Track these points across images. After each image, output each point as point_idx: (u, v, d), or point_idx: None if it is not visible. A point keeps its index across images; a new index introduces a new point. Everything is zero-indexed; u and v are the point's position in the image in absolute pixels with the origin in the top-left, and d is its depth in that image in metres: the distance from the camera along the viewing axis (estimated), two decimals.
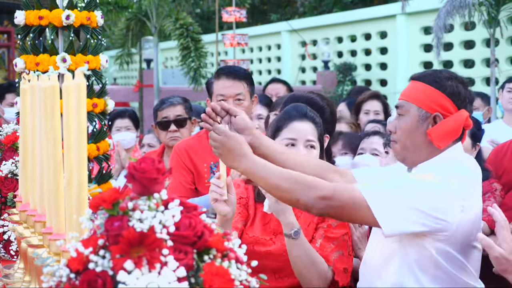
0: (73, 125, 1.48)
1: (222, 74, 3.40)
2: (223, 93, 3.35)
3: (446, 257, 2.14)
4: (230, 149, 2.18)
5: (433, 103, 2.20)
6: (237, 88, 3.37)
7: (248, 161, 2.16)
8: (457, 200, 2.11)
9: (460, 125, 2.19)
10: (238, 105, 3.34)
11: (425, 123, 2.21)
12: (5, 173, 2.51)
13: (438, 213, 2.08)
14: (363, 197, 2.06)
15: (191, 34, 12.15)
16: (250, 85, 3.45)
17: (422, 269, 2.15)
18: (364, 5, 14.94)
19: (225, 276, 1.19)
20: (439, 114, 2.20)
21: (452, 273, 2.16)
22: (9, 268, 2.09)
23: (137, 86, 13.35)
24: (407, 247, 2.15)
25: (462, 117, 2.19)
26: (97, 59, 3.04)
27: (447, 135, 2.19)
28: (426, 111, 2.21)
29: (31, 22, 2.98)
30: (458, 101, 2.21)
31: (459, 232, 2.12)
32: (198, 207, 1.26)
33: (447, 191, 2.10)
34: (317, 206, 2.09)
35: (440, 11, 8.64)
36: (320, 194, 2.08)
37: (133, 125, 5.34)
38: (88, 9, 3.04)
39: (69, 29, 2.99)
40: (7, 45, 16.74)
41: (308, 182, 2.11)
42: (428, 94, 2.22)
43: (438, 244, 2.12)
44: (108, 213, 1.20)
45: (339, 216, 2.22)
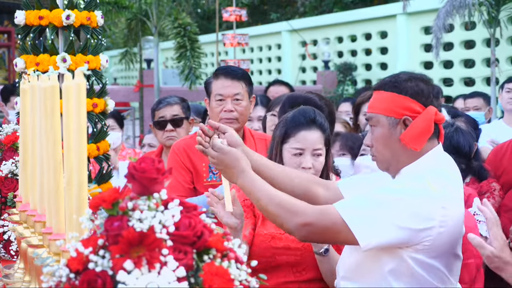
0: (73, 125, 1.48)
1: (220, 74, 3.39)
2: (221, 93, 3.34)
3: (424, 266, 2.12)
4: (228, 165, 2.22)
5: (398, 108, 2.18)
6: (236, 88, 3.35)
7: (244, 178, 2.19)
8: (438, 209, 2.08)
9: (430, 122, 2.16)
10: (237, 105, 3.33)
11: (397, 129, 2.19)
12: (5, 173, 2.51)
13: (418, 225, 2.05)
14: (342, 219, 2.06)
15: (188, 34, 12.15)
16: (248, 85, 3.43)
17: (397, 277, 2.13)
18: (365, 5, 14.93)
19: (224, 276, 1.19)
20: (407, 117, 2.17)
21: (428, 282, 2.14)
22: (9, 268, 2.09)
23: (137, 86, 13.34)
24: (383, 255, 2.13)
25: (430, 114, 2.16)
26: (97, 59, 3.04)
27: (419, 135, 2.15)
28: (394, 117, 2.19)
29: (31, 22, 2.99)
30: (422, 99, 2.18)
31: (439, 241, 2.09)
32: (198, 207, 1.26)
33: (427, 199, 2.08)
34: (299, 233, 2.11)
35: (439, 11, 8.64)
36: (301, 221, 2.09)
37: (117, 124, 5.35)
38: (88, 9, 3.04)
39: (69, 29, 2.99)
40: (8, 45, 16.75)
41: (291, 207, 2.12)
42: (391, 101, 2.20)
43: (416, 255, 2.09)
44: (107, 213, 1.20)
45: (322, 240, 2.25)
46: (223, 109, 3.33)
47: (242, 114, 3.36)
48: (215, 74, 3.42)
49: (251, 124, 4.41)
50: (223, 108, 3.33)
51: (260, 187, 2.17)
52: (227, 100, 3.33)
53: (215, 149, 2.25)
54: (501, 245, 2.09)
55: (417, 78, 2.22)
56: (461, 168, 2.51)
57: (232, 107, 3.33)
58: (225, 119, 3.32)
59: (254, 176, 2.21)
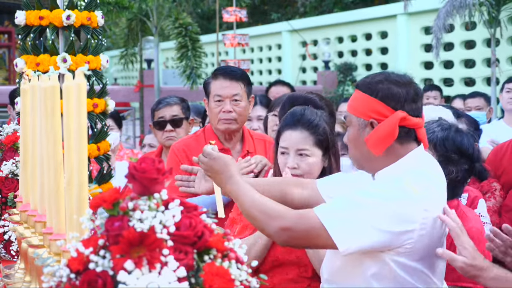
0: (73, 125, 1.48)
1: (219, 75, 3.38)
2: (220, 94, 3.33)
3: (406, 269, 2.09)
4: (217, 170, 2.26)
5: (367, 110, 2.14)
6: (234, 88, 3.33)
7: (232, 184, 2.21)
8: (419, 211, 2.05)
9: (394, 127, 2.10)
10: (235, 105, 3.32)
11: (365, 131, 2.16)
12: (6, 173, 2.51)
13: (399, 227, 2.03)
14: (321, 223, 2.04)
15: (189, 34, 12.14)
16: (247, 85, 3.41)
17: (379, 281, 2.11)
18: (365, 5, 14.94)
19: (225, 276, 1.19)
20: (374, 121, 2.13)
21: (411, 284, 2.11)
22: (9, 268, 2.09)
23: (137, 86, 13.34)
24: (365, 259, 2.11)
25: (395, 119, 2.10)
26: (98, 59, 3.04)
27: (381, 140, 2.11)
28: (363, 119, 2.16)
29: (31, 22, 2.99)
30: (392, 103, 2.12)
31: (421, 243, 2.07)
32: (198, 207, 1.26)
33: (408, 201, 2.04)
34: (279, 237, 2.10)
35: (440, 11, 8.64)
36: (280, 225, 2.07)
37: (116, 125, 5.34)
38: (89, 9, 3.04)
39: (69, 29, 2.99)
40: (8, 45, 16.76)
41: (271, 212, 2.11)
42: (363, 102, 2.17)
43: (398, 258, 2.07)
44: (108, 213, 1.20)
45: (301, 245, 2.22)
46: (221, 109, 3.32)
47: (241, 114, 3.36)
48: (213, 75, 3.40)
49: (251, 123, 4.41)
50: (221, 109, 3.32)
51: (246, 192, 2.17)
52: (225, 101, 3.32)
53: (205, 155, 2.31)
54: (471, 253, 2.06)
55: (392, 81, 2.15)
56: (464, 169, 2.50)
57: (230, 108, 3.31)
58: (223, 119, 3.32)
59: (242, 181, 2.21)
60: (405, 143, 2.15)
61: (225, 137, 3.41)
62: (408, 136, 2.15)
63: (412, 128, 2.14)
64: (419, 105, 2.17)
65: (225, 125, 3.33)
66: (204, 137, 3.41)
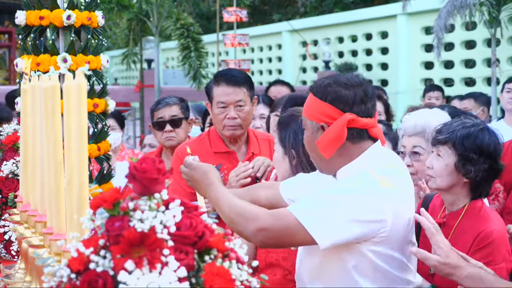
0: (73, 125, 1.47)
1: (221, 81, 3.32)
2: (223, 100, 3.29)
3: (384, 259, 2.14)
4: (197, 179, 2.35)
5: (318, 113, 2.19)
6: (238, 94, 3.29)
7: (212, 191, 2.27)
8: (388, 201, 2.10)
9: (341, 129, 2.14)
10: (239, 111, 3.29)
11: (317, 134, 2.20)
12: (6, 173, 2.51)
13: (372, 216, 2.07)
14: (297, 220, 2.08)
15: (192, 34, 12.14)
16: (250, 89, 3.37)
17: (361, 273, 2.14)
18: (365, 5, 14.94)
19: (226, 276, 1.19)
20: (324, 124, 2.17)
21: (391, 273, 2.16)
22: (10, 268, 2.09)
23: (138, 86, 13.35)
24: (344, 254, 2.14)
25: (342, 121, 2.14)
26: (98, 59, 3.04)
27: (330, 143, 2.15)
28: (316, 122, 2.20)
29: (32, 22, 2.98)
30: (341, 105, 2.16)
31: (395, 231, 2.11)
32: (199, 207, 1.26)
33: (377, 192, 2.09)
34: (255, 238, 2.13)
35: (441, 11, 8.64)
36: (256, 227, 2.11)
37: (118, 125, 5.33)
38: (89, 9, 3.04)
39: (70, 29, 2.99)
40: (8, 45, 16.77)
41: (247, 214, 2.14)
42: (314, 105, 2.21)
43: (375, 247, 2.11)
44: (109, 213, 1.20)
45: (279, 244, 2.24)
46: (226, 116, 3.29)
47: (245, 119, 3.33)
48: (215, 80, 3.35)
49: (253, 122, 4.40)
50: (226, 115, 3.29)
51: (224, 198, 2.22)
52: (230, 107, 3.29)
53: (186, 166, 2.41)
54: (445, 252, 2.09)
55: (339, 83, 2.19)
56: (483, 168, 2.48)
57: (235, 114, 3.28)
58: (228, 126, 3.30)
59: (221, 188, 2.27)
60: (358, 143, 2.20)
61: (230, 140, 3.39)
62: (360, 136, 2.20)
63: (364, 128, 2.19)
64: (368, 106, 2.21)
65: (230, 131, 3.31)
66: (209, 140, 3.40)
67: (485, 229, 2.42)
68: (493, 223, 2.47)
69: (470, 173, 2.48)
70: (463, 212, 2.52)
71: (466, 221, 2.50)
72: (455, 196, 2.54)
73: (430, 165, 2.57)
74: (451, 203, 2.57)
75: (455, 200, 2.55)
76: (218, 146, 3.39)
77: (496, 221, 2.50)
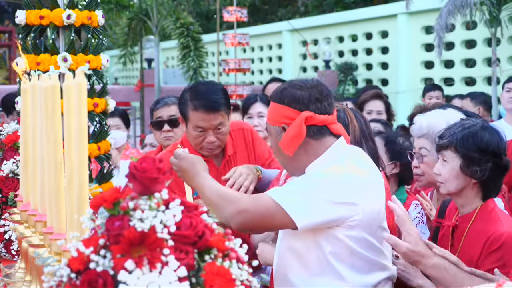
0: (74, 124, 1.47)
1: (200, 107, 3.07)
2: (202, 126, 3.08)
3: (360, 243, 2.23)
4: (185, 170, 2.43)
5: (278, 117, 2.30)
6: (217, 119, 3.09)
7: (198, 180, 2.36)
8: (360, 186, 2.22)
9: (300, 127, 2.24)
10: (219, 133, 3.12)
11: (280, 137, 2.31)
12: (6, 172, 2.51)
13: (346, 198, 2.18)
14: (276, 202, 2.16)
15: (191, 34, 12.14)
16: (227, 106, 3.15)
17: (338, 258, 2.23)
18: (365, 5, 14.94)
19: (226, 276, 1.19)
20: (284, 125, 2.28)
21: (368, 258, 2.25)
22: (10, 268, 2.09)
23: (138, 86, 13.35)
24: (321, 240, 2.22)
25: (300, 119, 2.25)
26: (98, 58, 3.04)
27: (291, 141, 2.25)
28: (277, 126, 2.32)
29: (32, 22, 2.99)
30: (297, 105, 2.27)
31: (368, 214, 2.21)
32: (199, 207, 1.26)
33: (349, 177, 2.21)
34: (235, 220, 2.20)
35: (442, 11, 8.64)
36: (236, 208, 2.20)
37: (123, 124, 5.33)
38: (89, 8, 3.04)
39: (70, 28, 2.99)
40: (8, 45, 16.77)
41: (227, 196, 2.25)
42: (274, 110, 2.33)
43: (350, 232, 2.20)
44: (109, 212, 1.20)
45: (257, 227, 2.30)
46: (204, 139, 3.11)
47: (224, 138, 3.18)
48: (193, 105, 3.09)
49: (252, 120, 4.39)
50: (204, 138, 3.11)
51: (208, 184, 2.32)
52: (208, 131, 3.10)
53: (175, 156, 2.50)
54: (415, 240, 2.19)
55: (293, 85, 2.32)
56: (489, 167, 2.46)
57: (214, 138, 3.11)
58: (207, 148, 3.13)
59: (207, 176, 2.36)
60: (320, 139, 2.31)
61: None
62: (321, 133, 2.31)
63: (323, 126, 2.29)
64: (325, 104, 2.31)
65: (209, 151, 3.16)
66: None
67: (495, 232, 2.41)
68: (503, 225, 2.45)
69: (476, 174, 2.48)
70: (475, 215, 2.51)
71: (477, 224, 2.49)
72: (466, 198, 2.54)
73: (438, 171, 2.58)
74: (462, 206, 2.57)
75: (466, 202, 2.55)
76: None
77: (506, 223, 2.47)
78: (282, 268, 2.38)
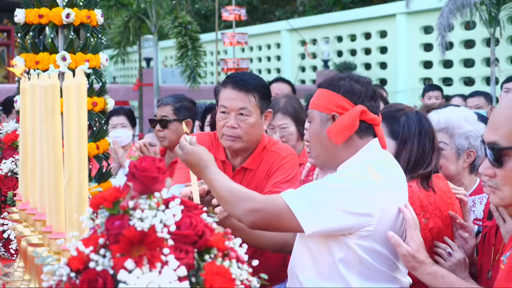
0: (73, 123, 1.47)
1: (228, 83, 2.90)
2: (225, 105, 2.87)
3: (370, 253, 2.20)
4: (193, 163, 2.37)
5: (330, 104, 2.29)
6: (242, 101, 2.84)
7: (207, 174, 2.33)
8: (379, 197, 2.17)
9: (355, 119, 2.25)
10: (241, 121, 2.85)
11: (327, 125, 2.30)
12: (5, 171, 2.51)
13: (360, 208, 2.14)
14: (287, 204, 2.16)
15: (189, 33, 12.14)
16: (261, 98, 2.89)
17: (347, 266, 2.21)
18: (364, 4, 14.94)
19: (226, 276, 1.19)
20: (335, 114, 2.28)
21: (377, 268, 2.22)
22: (9, 267, 2.09)
23: (136, 85, 13.34)
24: (332, 245, 2.21)
25: (356, 111, 2.25)
26: (97, 57, 3.03)
27: (342, 130, 2.25)
28: (325, 113, 2.31)
29: (31, 21, 2.98)
30: (353, 98, 2.28)
31: (382, 226, 2.17)
32: (199, 206, 1.26)
33: (368, 186, 2.16)
34: (246, 218, 2.22)
35: (443, 10, 8.64)
36: (249, 207, 2.20)
37: (129, 123, 5.33)
38: (88, 7, 3.03)
39: (69, 27, 2.98)
40: (7, 44, 16.74)
41: (240, 194, 2.25)
42: (326, 97, 2.32)
43: (361, 242, 2.17)
44: (108, 212, 1.20)
45: (268, 227, 2.30)
46: (226, 123, 2.86)
47: (248, 133, 2.86)
48: (224, 82, 2.96)
49: None
50: (226, 122, 2.87)
51: (219, 179, 2.30)
52: (231, 114, 2.85)
53: (180, 148, 2.41)
54: (417, 246, 2.19)
55: (352, 78, 2.32)
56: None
57: (235, 123, 2.85)
58: (227, 136, 2.87)
59: (216, 169, 2.34)
60: (364, 137, 2.30)
61: (232, 154, 2.97)
62: (367, 132, 2.31)
63: (370, 124, 2.30)
64: (377, 104, 2.33)
65: (228, 142, 2.88)
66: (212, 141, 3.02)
67: None
68: None
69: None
70: None
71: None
72: None
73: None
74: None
75: None
76: (218, 151, 2.97)
77: None
78: (294, 265, 2.37)
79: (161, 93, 12.38)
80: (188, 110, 4.27)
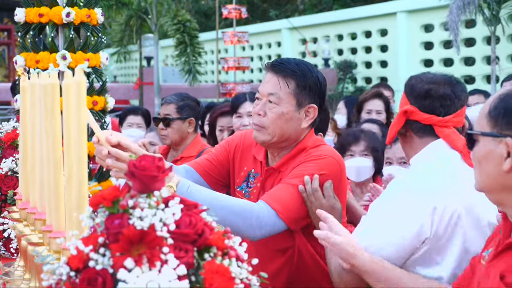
0: (73, 122, 1.47)
1: (269, 65, 2.58)
2: (259, 90, 2.55)
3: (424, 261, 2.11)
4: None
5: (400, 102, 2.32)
6: (273, 86, 2.49)
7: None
8: (427, 204, 2.05)
9: (398, 118, 2.25)
10: (269, 108, 2.48)
11: None
12: (5, 170, 2.51)
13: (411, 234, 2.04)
14: None
15: (188, 30, 12.14)
16: (300, 87, 2.49)
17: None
18: (364, 3, 14.93)
19: (225, 274, 1.19)
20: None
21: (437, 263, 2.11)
22: (9, 266, 2.09)
23: (137, 84, 13.34)
24: None
25: (402, 111, 2.26)
26: (97, 56, 3.04)
27: (390, 128, 2.30)
28: None
29: (31, 20, 2.98)
30: (409, 97, 2.28)
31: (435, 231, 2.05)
32: (199, 205, 1.26)
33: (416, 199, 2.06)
34: None
35: (451, 7, 8.63)
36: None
37: (145, 123, 5.42)
38: (88, 6, 3.03)
39: (69, 26, 2.99)
40: (7, 43, 16.75)
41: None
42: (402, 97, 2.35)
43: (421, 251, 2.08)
44: (108, 211, 1.20)
45: None
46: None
47: (274, 123, 2.47)
48: (266, 64, 2.63)
49: (241, 120, 4.18)
50: None
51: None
52: (262, 100, 2.51)
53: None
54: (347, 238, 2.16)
55: (422, 77, 2.29)
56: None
57: (261, 110, 2.50)
58: (254, 124, 2.54)
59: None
60: (421, 137, 2.25)
61: (270, 154, 2.60)
62: (423, 131, 2.24)
63: (428, 125, 2.22)
64: (436, 104, 2.22)
65: (255, 129, 2.54)
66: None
67: None
68: None
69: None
70: None
71: None
72: None
73: None
74: None
75: None
76: (259, 150, 2.65)
77: None
78: None
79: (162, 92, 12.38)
80: (191, 109, 4.27)
